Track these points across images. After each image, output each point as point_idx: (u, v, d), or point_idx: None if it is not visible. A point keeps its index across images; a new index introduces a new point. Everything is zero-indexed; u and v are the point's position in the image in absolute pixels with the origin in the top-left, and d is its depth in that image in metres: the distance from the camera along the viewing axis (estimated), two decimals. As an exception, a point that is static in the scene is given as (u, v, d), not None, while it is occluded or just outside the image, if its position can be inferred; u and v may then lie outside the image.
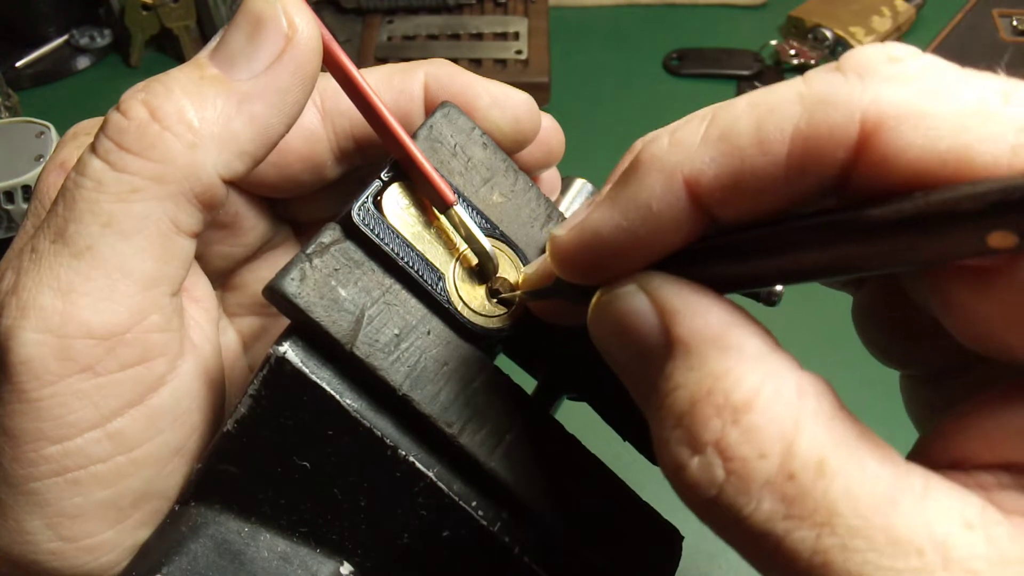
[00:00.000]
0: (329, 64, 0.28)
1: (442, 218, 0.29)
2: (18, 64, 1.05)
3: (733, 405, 0.19)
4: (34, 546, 0.26)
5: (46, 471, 0.25)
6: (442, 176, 0.28)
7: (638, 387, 0.22)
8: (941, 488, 0.18)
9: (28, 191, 0.75)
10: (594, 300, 0.23)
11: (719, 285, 0.21)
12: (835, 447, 0.18)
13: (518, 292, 0.29)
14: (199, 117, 0.26)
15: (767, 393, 0.19)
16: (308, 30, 0.26)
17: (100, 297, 0.25)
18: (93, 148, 0.26)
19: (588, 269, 0.23)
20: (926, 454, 0.20)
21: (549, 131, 0.34)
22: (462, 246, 0.29)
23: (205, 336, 0.30)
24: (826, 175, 0.19)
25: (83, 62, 1.08)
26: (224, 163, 0.26)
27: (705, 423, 0.19)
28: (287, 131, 0.28)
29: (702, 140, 0.20)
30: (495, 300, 0.29)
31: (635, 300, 0.21)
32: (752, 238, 0.20)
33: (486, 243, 0.28)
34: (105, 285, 0.25)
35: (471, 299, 0.28)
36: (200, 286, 0.32)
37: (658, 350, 0.21)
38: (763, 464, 0.18)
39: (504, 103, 0.32)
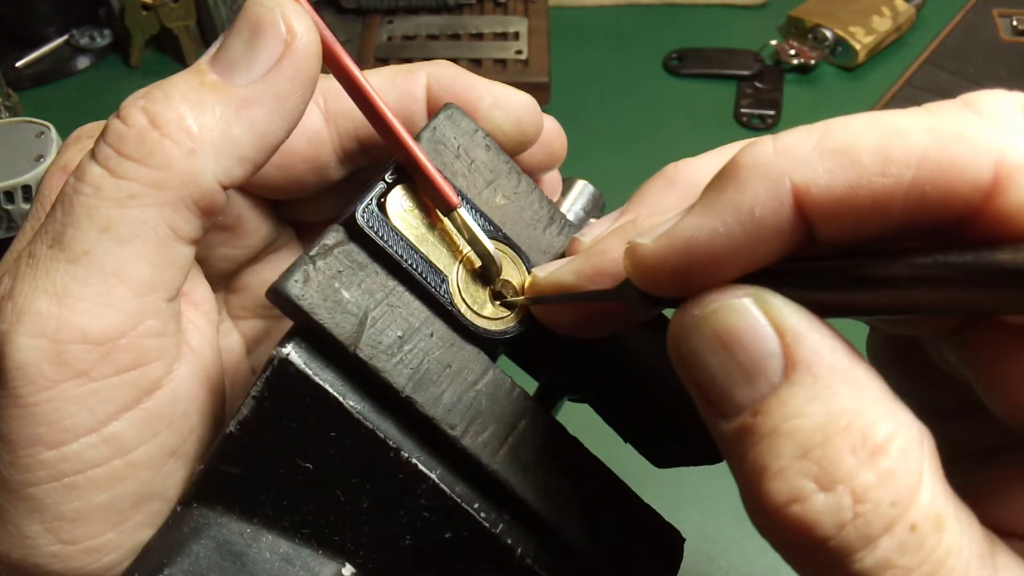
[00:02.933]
0: (331, 66, 0.28)
1: (445, 220, 0.29)
2: (18, 64, 1.05)
3: (871, 447, 0.18)
4: (35, 550, 0.26)
5: (43, 476, 0.25)
6: (445, 178, 0.28)
7: (728, 406, 0.20)
8: (1005, 553, 0.19)
9: (28, 191, 0.75)
10: (689, 309, 0.21)
11: (814, 310, 0.20)
12: (946, 503, 0.18)
13: (522, 298, 0.29)
14: (198, 123, 0.26)
15: (901, 440, 0.18)
16: (307, 35, 0.26)
17: (96, 302, 0.25)
18: (93, 154, 0.26)
19: (675, 279, 0.22)
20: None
21: (551, 133, 0.34)
22: (465, 248, 0.29)
23: (204, 340, 0.30)
24: (948, 211, 0.19)
25: (83, 62, 1.08)
26: (223, 169, 0.26)
27: (839, 459, 0.18)
28: (287, 136, 0.28)
29: (815, 149, 0.19)
30: (498, 303, 0.29)
31: (749, 313, 0.20)
32: (863, 266, 0.19)
33: (490, 245, 0.28)
34: (101, 290, 0.25)
35: (474, 301, 0.29)
36: (200, 290, 0.32)
37: (770, 372, 0.19)
38: (892, 511, 0.18)
39: (507, 104, 0.32)
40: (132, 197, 0.25)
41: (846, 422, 0.18)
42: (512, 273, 0.30)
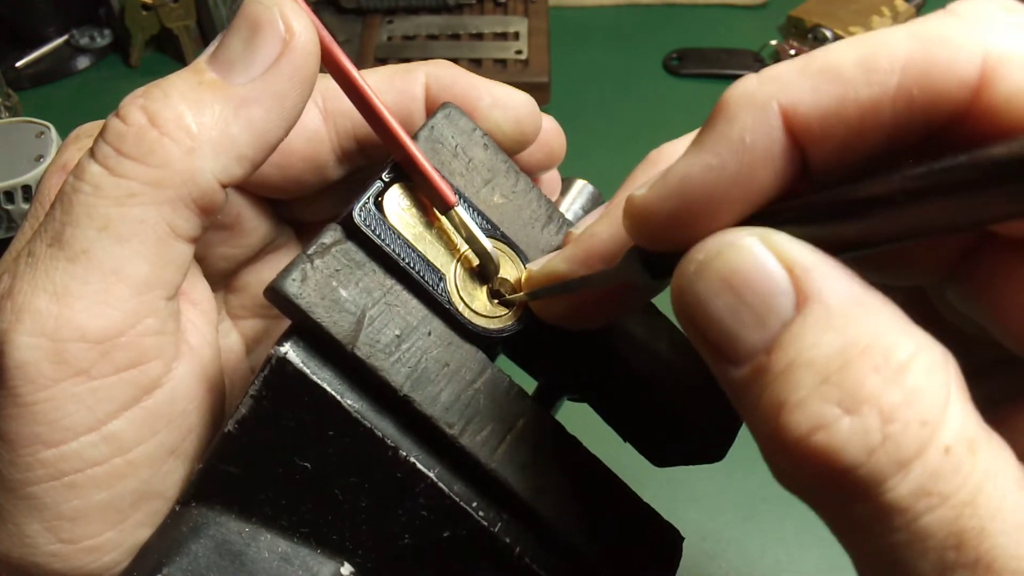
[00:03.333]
0: (329, 65, 0.28)
1: (443, 219, 0.29)
2: (18, 64, 1.05)
3: (894, 365, 0.17)
4: (34, 549, 0.26)
5: (43, 475, 0.25)
6: (443, 177, 0.28)
7: (739, 350, 0.19)
8: None
9: (28, 191, 0.75)
10: (692, 256, 0.20)
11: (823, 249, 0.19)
12: (977, 425, 0.17)
13: (520, 294, 0.29)
14: (197, 122, 0.26)
15: (924, 359, 0.17)
16: (306, 34, 0.26)
17: (95, 301, 0.25)
18: (92, 153, 0.26)
19: (675, 225, 0.21)
20: None
21: (550, 132, 0.34)
22: (463, 247, 0.29)
23: (203, 339, 0.30)
24: (938, 113, 0.18)
25: (83, 62, 1.08)
26: (222, 168, 0.26)
27: (862, 380, 0.17)
28: (286, 135, 0.28)
29: (799, 72, 0.19)
30: (496, 301, 0.29)
31: (755, 252, 0.19)
32: (858, 188, 0.19)
33: (487, 244, 0.28)
34: (100, 289, 0.25)
35: (472, 300, 0.28)
36: (199, 289, 0.32)
37: (781, 309, 0.19)
38: (923, 432, 0.17)
39: (505, 104, 0.32)
40: (131, 196, 0.25)
41: (865, 344, 0.17)
42: (510, 272, 0.30)
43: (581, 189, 0.38)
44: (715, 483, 0.68)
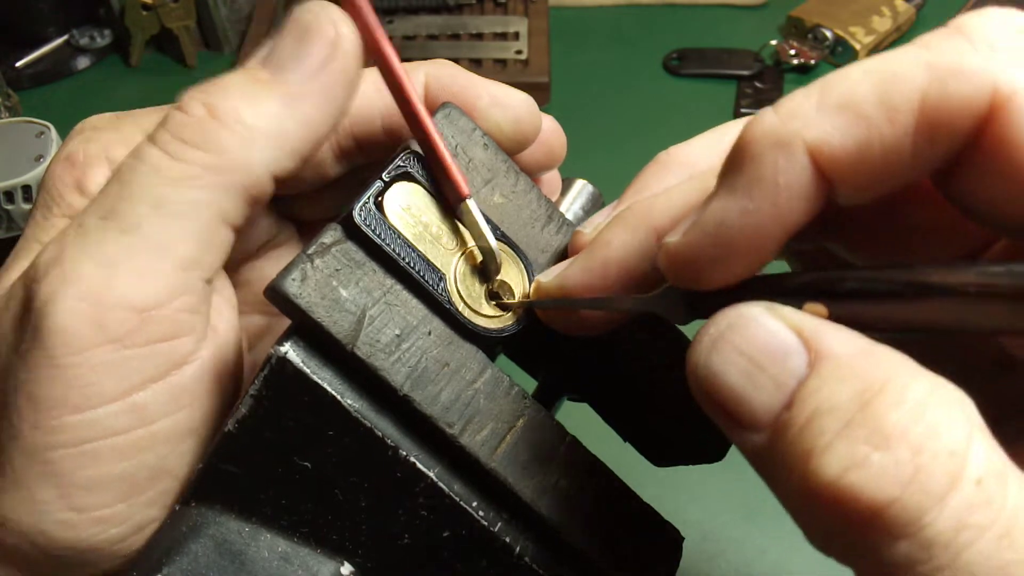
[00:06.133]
0: (371, 49, 0.29)
1: (443, 218, 0.29)
2: (18, 64, 1.05)
3: (913, 401, 0.17)
4: (45, 516, 0.26)
5: (65, 440, 0.26)
6: (460, 169, 0.28)
7: (756, 413, 0.20)
8: None
9: (28, 191, 0.75)
10: (704, 331, 0.21)
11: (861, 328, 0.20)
12: (1003, 458, 0.17)
13: (520, 301, 0.29)
14: (253, 116, 0.27)
15: (940, 395, 0.17)
16: (351, 37, 0.28)
17: (140, 272, 0.26)
18: (152, 139, 0.27)
19: (713, 268, 0.22)
20: None
21: (550, 132, 0.34)
22: (464, 246, 0.29)
23: (228, 325, 0.30)
24: (954, 144, 0.19)
25: (83, 62, 1.08)
26: (275, 159, 0.27)
27: (886, 416, 0.17)
28: (331, 131, 0.29)
29: (818, 108, 0.20)
30: (493, 303, 0.29)
31: (766, 321, 0.20)
32: (937, 275, 0.19)
33: (492, 242, 0.29)
34: (146, 261, 0.26)
35: (472, 300, 0.28)
36: (222, 278, 0.33)
37: (795, 368, 0.19)
38: (952, 463, 0.17)
39: (505, 103, 0.32)
40: (188, 178, 0.26)
41: (880, 386, 0.18)
42: (511, 271, 0.30)
43: (581, 189, 0.38)
44: (715, 483, 0.68)
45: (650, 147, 0.30)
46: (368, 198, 0.27)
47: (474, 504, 0.27)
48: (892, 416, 0.17)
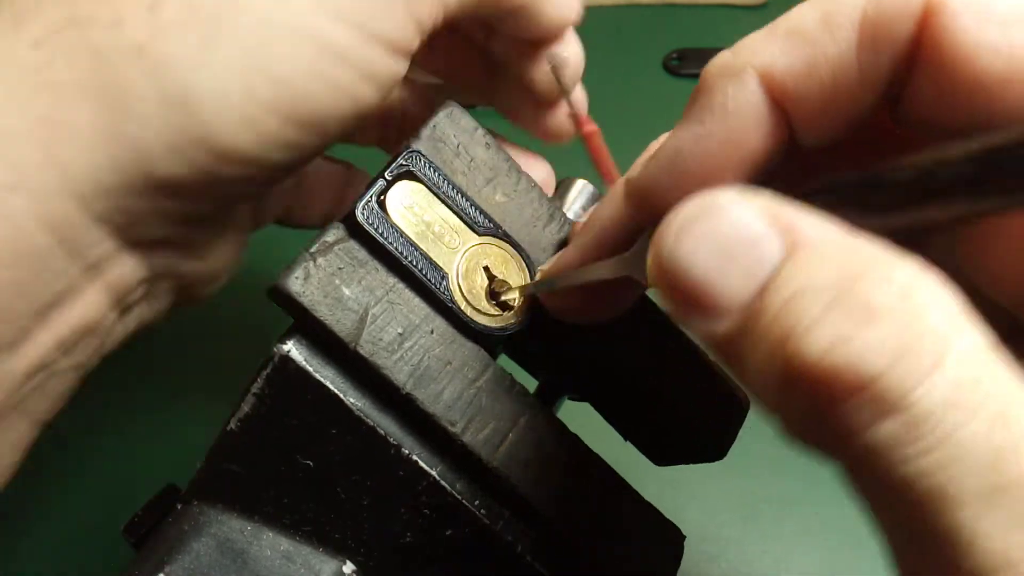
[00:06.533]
0: None
1: (444, 217, 0.29)
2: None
3: (899, 283, 0.16)
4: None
5: None
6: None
7: (724, 300, 0.18)
8: None
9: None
10: (671, 220, 0.19)
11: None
12: (991, 342, 0.17)
13: (518, 295, 0.29)
14: None
15: (925, 279, 0.17)
16: None
17: None
18: None
19: (676, 199, 0.20)
20: None
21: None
22: (466, 244, 0.29)
23: None
24: (896, 52, 0.20)
25: None
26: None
27: (874, 293, 0.16)
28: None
29: (768, 37, 0.21)
30: (493, 302, 0.29)
31: (737, 208, 0.18)
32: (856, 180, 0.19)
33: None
34: None
35: (474, 298, 0.29)
36: None
37: (770, 253, 0.18)
38: (940, 342, 0.16)
39: None
40: None
41: (864, 268, 0.17)
42: (511, 271, 0.30)
43: (581, 189, 0.38)
44: (715, 483, 0.68)
45: (650, 147, 0.30)
46: (371, 196, 0.27)
47: (476, 502, 0.27)
48: (878, 295, 0.16)
